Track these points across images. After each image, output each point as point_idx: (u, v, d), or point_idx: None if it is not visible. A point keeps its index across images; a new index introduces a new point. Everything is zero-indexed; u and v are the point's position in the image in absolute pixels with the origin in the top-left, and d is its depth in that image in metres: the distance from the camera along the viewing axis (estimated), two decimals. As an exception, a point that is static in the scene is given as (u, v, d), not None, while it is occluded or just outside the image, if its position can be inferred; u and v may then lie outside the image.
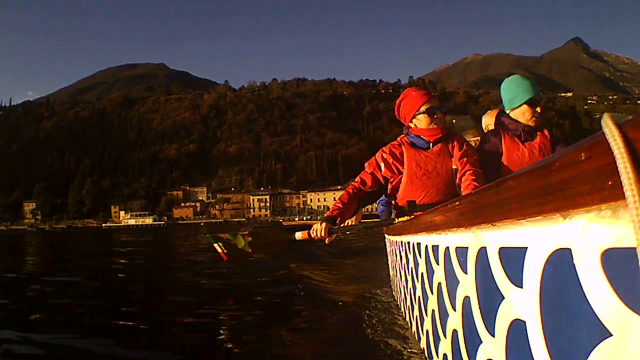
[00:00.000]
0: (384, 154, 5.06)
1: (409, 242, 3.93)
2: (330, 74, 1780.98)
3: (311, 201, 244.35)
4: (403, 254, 4.53)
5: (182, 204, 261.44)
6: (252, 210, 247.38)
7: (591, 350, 0.96)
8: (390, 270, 7.00)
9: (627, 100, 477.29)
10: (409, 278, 4.11)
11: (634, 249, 0.75)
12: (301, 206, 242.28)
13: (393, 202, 5.16)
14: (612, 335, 0.91)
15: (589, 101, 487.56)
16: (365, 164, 5.25)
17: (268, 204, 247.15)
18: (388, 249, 7.15)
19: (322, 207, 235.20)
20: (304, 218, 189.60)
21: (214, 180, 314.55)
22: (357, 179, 5.22)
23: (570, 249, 1.04)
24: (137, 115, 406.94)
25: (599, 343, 0.94)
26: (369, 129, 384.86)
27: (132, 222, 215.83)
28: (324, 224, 4.90)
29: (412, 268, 3.84)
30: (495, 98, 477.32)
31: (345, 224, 5.50)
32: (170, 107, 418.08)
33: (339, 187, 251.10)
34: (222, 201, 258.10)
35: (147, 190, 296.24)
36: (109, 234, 67.41)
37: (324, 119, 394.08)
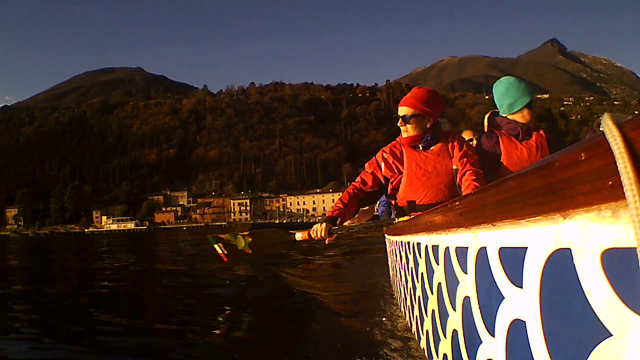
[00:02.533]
0: (384, 154, 5.09)
1: (409, 242, 3.93)
2: (308, 77, 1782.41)
3: (291, 204, 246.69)
4: (403, 254, 4.53)
5: (163, 209, 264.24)
6: (232, 214, 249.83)
7: (591, 350, 0.96)
8: (390, 270, 7.04)
9: (604, 101, 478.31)
10: (409, 278, 4.12)
11: (634, 249, 0.75)
12: (281, 210, 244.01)
13: (393, 202, 5.17)
14: (612, 335, 0.90)
15: (565, 102, 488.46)
16: (366, 164, 5.29)
17: (248, 208, 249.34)
18: (388, 249, 7.18)
19: (302, 210, 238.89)
20: (284, 221, 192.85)
21: (194, 185, 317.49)
22: (358, 178, 5.25)
23: (570, 249, 1.03)
24: (116, 121, 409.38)
25: (599, 343, 0.93)
26: (347, 133, 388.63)
27: (114, 227, 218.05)
28: (324, 224, 4.93)
29: (412, 268, 3.85)
30: (471, 101, 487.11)
31: (348, 223, 5.64)
32: (149, 112, 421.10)
33: (318, 191, 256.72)
34: (203, 205, 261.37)
35: (128, 196, 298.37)
36: (92, 239, 68.56)
37: (302, 123, 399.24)
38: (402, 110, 4.88)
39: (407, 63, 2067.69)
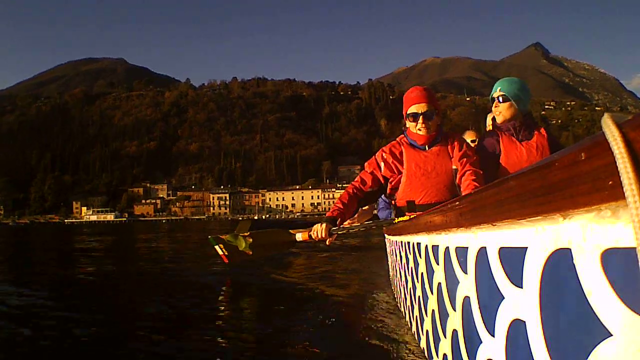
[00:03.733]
0: (384, 154, 5.04)
1: (409, 242, 3.91)
2: (291, 74, 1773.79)
3: (270, 200, 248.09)
4: (403, 254, 4.52)
5: (143, 201, 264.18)
6: (212, 208, 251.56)
7: (591, 350, 0.96)
8: (390, 270, 7.02)
9: (585, 107, 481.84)
10: (409, 278, 4.09)
11: (634, 249, 0.74)
12: (260, 205, 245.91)
13: (392, 202, 5.18)
14: (612, 335, 0.90)
15: (546, 106, 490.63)
16: (365, 164, 5.24)
17: (228, 202, 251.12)
18: (388, 249, 7.17)
19: (281, 206, 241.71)
20: (263, 217, 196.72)
21: (174, 178, 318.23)
22: (357, 178, 5.20)
23: (570, 249, 1.03)
24: (98, 111, 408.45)
25: (599, 343, 0.93)
26: (327, 130, 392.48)
27: (93, 218, 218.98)
28: (324, 225, 4.92)
29: (412, 268, 3.83)
30: (453, 102, 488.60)
31: (348, 223, 5.67)
32: (131, 104, 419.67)
33: (297, 187, 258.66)
34: (182, 199, 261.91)
35: (108, 187, 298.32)
36: (71, 230, 67.42)
37: (284, 119, 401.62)
38: (422, 107, 4.78)
39: (389, 62, 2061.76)
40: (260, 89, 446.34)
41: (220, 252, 6.92)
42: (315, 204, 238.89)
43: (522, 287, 1.32)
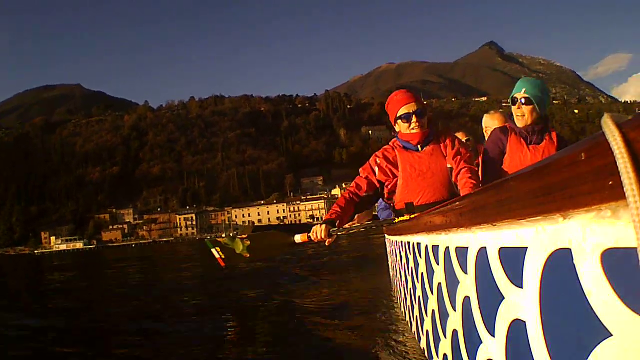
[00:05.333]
0: (377, 159, 5.04)
1: (409, 242, 3.91)
2: (248, 89, 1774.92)
3: (236, 217, 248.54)
4: (403, 254, 4.52)
5: (110, 227, 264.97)
6: (179, 229, 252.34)
7: (591, 350, 0.96)
8: (390, 270, 7.01)
9: None
10: (409, 278, 4.08)
11: (634, 249, 0.75)
12: (227, 222, 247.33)
13: (391, 205, 5.18)
14: (612, 335, 0.90)
15: (503, 104, 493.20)
16: (360, 169, 5.21)
17: (194, 222, 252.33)
18: (388, 249, 7.18)
19: (248, 222, 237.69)
20: (231, 234, 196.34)
21: (138, 202, 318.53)
22: (353, 183, 5.17)
23: (570, 249, 1.03)
24: (59, 139, 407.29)
25: (599, 343, 0.93)
26: (288, 144, 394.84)
27: (63, 247, 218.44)
28: (323, 226, 4.84)
29: (412, 268, 3.82)
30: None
31: (348, 225, 5.51)
32: (91, 130, 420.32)
33: (262, 202, 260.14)
34: (149, 222, 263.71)
35: (74, 215, 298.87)
36: (42, 260, 65.56)
37: (243, 135, 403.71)
38: (412, 106, 4.81)
39: (344, 71, 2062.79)
40: (218, 107, 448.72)
41: (217, 256, 6.75)
42: (281, 218, 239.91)
43: (522, 287, 1.32)
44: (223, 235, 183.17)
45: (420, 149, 4.90)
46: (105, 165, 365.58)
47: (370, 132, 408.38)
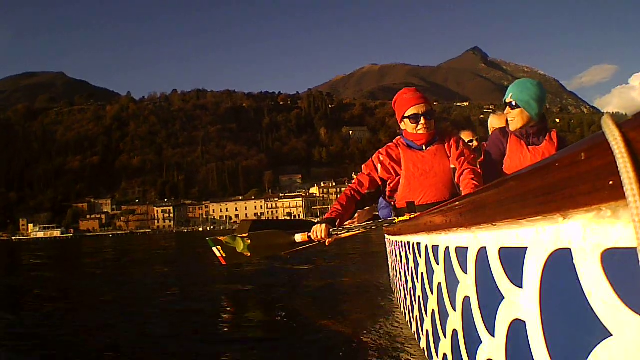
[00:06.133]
0: (380, 156, 5.02)
1: (409, 242, 3.88)
2: (231, 85, 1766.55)
3: (214, 212, 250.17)
4: (403, 254, 4.48)
5: (88, 216, 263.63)
6: (156, 221, 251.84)
7: (591, 350, 0.96)
8: (390, 270, 6.99)
9: None
10: (409, 278, 4.07)
11: (634, 249, 0.75)
12: (204, 217, 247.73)
13: (392, 203, 5.16)
14: (612, 335, 0.90)
15: (484, 110, 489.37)
16: (363, 166, 5.20)
17: (172, 215, 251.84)
18: (388, 249, 7.16)
19: (225, 217, 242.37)
20: (208, 228, 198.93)
21: (117, 192, 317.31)
22: (355, 180, 5.17)
23: (570, 249, 1.03)
24: (41, 127, 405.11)
25: (599, 343, 0.93)
26: (268, 141, 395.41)
27: (40, 234, 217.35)
28: (323, 226, 4.86)
29: (412, 268, 3.81)
30: (391, 110, 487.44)
31: (348, 224, 5.50)
32: (73, 119, 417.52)
33: (240, 198, 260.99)
34: (127, 213, 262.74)
35: (53, 203, 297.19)
36: (19, 247, 65.10)
37: (224, 130, 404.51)
38: (421, 108, 4.80)
39: (328, 71, 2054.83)
40: (201, 101, 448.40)
41: (218, 254, 6.89)
42: (259, 214, 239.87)
43: (522, 287, 1.32)
44: (200, 229, 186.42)
45: (424, 148, 4.91)
46: (85, 155, 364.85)
47: (351, 132, 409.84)
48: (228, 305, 7.67)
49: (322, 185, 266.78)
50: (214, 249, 6.96)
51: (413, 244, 3.56)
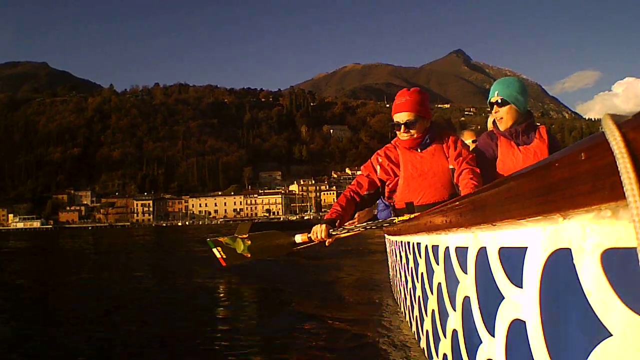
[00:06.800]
0: (379, 157, 5.06)
1: (409, 242, 3.88)
2: (213, 80, 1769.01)
3: (193, 206, 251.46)
4: (403, 254, 4.48)
5: (68, 208, 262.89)
6: (135, 214, 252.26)
7: (591, 350, 0.96)
8: (390, 270, 6.99)
9: None
10: (409, 278, 4.07)
11: (634, 249, 0.75)
12: (183, 211, 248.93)
13: (391, 204, 5.17)
14: (612, 335, 0.90)
15: (466, 112, 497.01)
16: (362, 168, 5.23)
17: (151, 209, 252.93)
18: (388, 249, 7.15)
19: (204, 212, 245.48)
20: (187, 223, 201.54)
21: (97, 185, 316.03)
22: (354, 182, 5.18)
23: (570, 249, 1.03)
24: (24, 117, 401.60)
25: (599, 343, 0.93)
26: (249, 137, 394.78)
27: (20, 225, 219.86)
28: (323, 226, 4.91)
29: (412, 268, 3.81)
30: (372, 109, 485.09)
31: (348, 224, 5.52)
32: (55, 110, 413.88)
33: (219, 193, 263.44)
34: (106, 205, 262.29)
35: (33, 194, 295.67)
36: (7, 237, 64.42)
37: (205, 126, 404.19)
38: (404, 116, 4.81)
39: (310, 68, 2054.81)
40: (183, 95, 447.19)
41: (218, 255, 6.97)
42: (238, 210, 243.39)
43: (522, 287, 1.32)
44: (179, 223, 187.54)
45: (419, 150, 4.92)
46: (66, 146, 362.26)
47: (331, 131, 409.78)
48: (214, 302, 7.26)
49: (302, 182, 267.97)
50: (214, 250, 7.14)
51: (413, 244, 3.59)
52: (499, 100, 4.70)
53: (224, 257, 7.05)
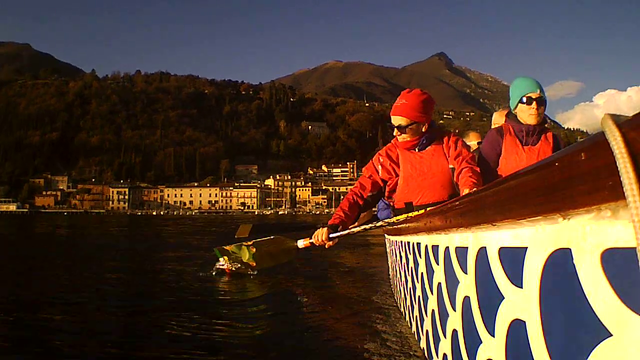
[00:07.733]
0: (380, 157, 5.06)
1: (409, 242, 3.87)
2: (194, 70, 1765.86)
3: (168, 196, 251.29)
4: (403, 254, 4.45)
5: (44, 192, 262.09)
6: (111, 202, 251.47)
7: (591, 350, 0.96)
8: (390, 270, 6.98)
9: (484, 117, 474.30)
10: (409, 278, 4.06)
11: (634, 249, 0.75)
12: (158, 201, 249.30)
13: (391, 203, 5.19)
14: (612, 335, 0.90)
15: (444, 115, 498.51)
16: (363, 169, 5.24)
17: (127, 197, 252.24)
18: (388, 249, 7.12)
19: (179, 202, 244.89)
20: (162, 212, 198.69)
21: (74, 170, 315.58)
22: (357, 184, 5.18)
23: (570, 249, 1.03)
24: (5, 99, 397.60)
25: (599, 343, 0.93)
26: (227, 129, 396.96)
27: None
28: (325, 229, 5.03)
29: (412, 268, 3.80)
30: (352, 108, 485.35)
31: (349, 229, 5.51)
32: (36, 93, 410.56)
33: (196, 184, 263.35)
34: (82, 192, 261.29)
35: (10, 177, 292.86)
36: None
37: (184, 116, 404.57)
38: (397, 120, 4.83)
39: (291, 63, 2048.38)
40: (164, 84, 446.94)
41: (225, 266, 7.00)
42: (213, 202, 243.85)
43: (522, 287, 1.32)
44: (154, 212, 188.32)
45: (417, 150, 4.94)
46: (45, 130, 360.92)
47: (310, 127, 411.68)
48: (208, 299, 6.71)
49: (278, 177, 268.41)
50: (221, 259, 7.12)
51: (413, 244, 3.59)
52: (540, 98, 4.68)
53: (231, 267, 7.16)
